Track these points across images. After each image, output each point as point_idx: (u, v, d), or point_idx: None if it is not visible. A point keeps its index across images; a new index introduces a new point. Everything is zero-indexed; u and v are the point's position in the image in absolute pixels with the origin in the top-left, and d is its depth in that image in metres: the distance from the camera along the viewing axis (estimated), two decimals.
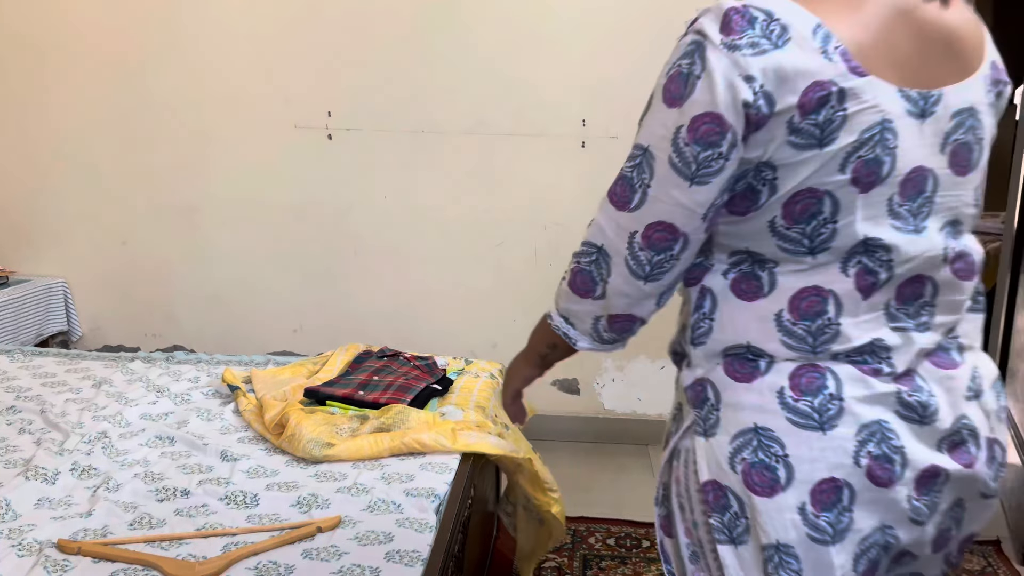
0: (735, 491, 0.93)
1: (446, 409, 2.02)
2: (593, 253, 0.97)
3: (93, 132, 3.19)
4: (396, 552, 1.42)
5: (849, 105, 0.86)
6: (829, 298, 0.92)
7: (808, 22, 0.86)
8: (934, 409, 0.93)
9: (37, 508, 1.55)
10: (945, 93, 0.92)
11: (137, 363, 2.39)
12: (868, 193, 0.89)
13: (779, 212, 0.90)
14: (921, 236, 0.92)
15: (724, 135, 0.86)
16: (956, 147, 0.93)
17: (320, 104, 3.09)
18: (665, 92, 0.91)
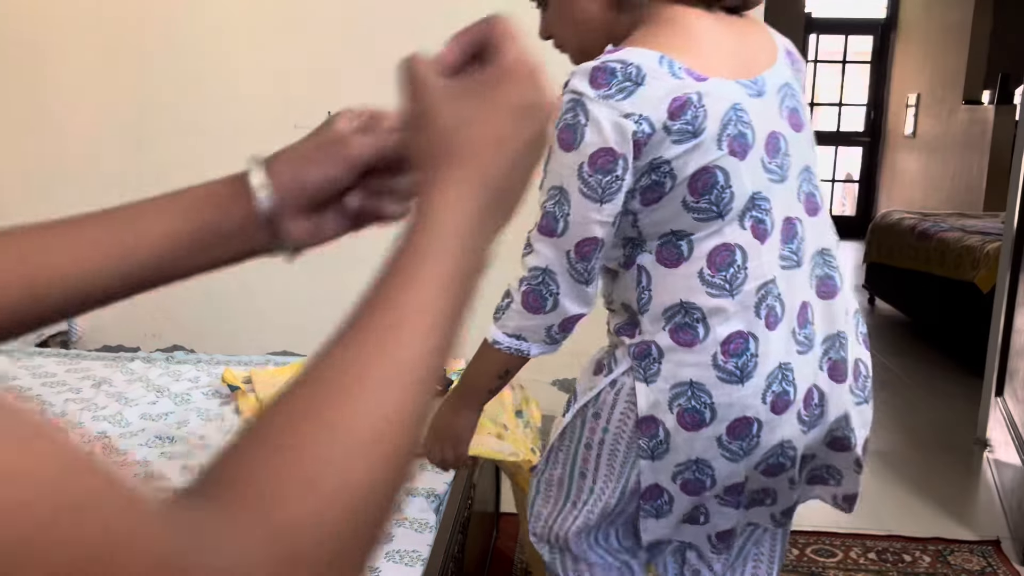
0: (667, 426, 1.20)
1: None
2: (539, 275, 1.19)
3: (92, 131, 3.19)
4: (396, 552, 1.42)
5: (705, 102, 1.12)
6: (736, 250, 1.17)
7: (652, 57, 1.12)
8: (816, 337, 1.23)
9: None
10: (766, 76, 1.21)
11: (137, 363, 2.39)
12: (745, 159, 1.16)
13: (686, 192, 1.15)
14: (786, 183, 1.22)
15: (617, 162, 1.11)
16: (789, 112, 1.23)
17: (320, 104, 3.09)
18: (560, 142, 1.14)
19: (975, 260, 4.25)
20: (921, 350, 4.72)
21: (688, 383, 1.19)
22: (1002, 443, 2.91)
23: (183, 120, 3.15)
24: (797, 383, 1.21)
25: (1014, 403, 2.85)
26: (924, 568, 2.40)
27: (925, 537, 2.57)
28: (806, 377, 1.22)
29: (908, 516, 2.71)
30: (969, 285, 4.23)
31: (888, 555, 2.46)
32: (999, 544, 2.54)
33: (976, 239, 4.41)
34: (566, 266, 1.17)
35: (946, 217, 5.38)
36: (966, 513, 2.76)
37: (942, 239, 4.64)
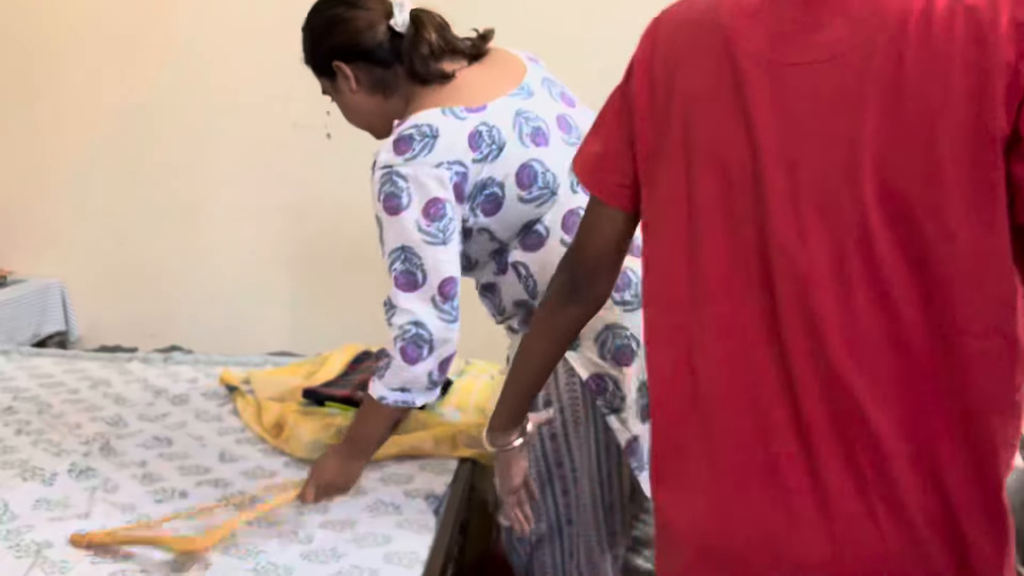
0: (610, 373, 1.36)
1: (445, 410, 2.01)
2: (410, 329, 1.32)
3: (91, 132, 3.19)
4: (395, 553, 1.41)
5: (493, 122, 1.34)
6: (579, 211, 1.32)
7: (435, 113, 1.33)
8: None
9: (35, 509, 1.54)
10: (526, 81, 1.44)
11: (135, 363, 2.39)
12: (549, 145, 1.38)
13: (517, 190, 1.35)
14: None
15: (445, 206, 1.31)
16: (560, 95, 1.48)
17: (320, 104, 3.07)
18: (388, 210, 1.34)
19: None
20: None
21: (604, 328, 1.36)
22: None
23: (183, 120, 3.14)
24: None
25: None
26: None
27: None
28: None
29: None
30: None
31: None
32: None
33: None
34: (434, 312, 1.32)
35: None
36: None
37: None
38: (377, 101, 1.45)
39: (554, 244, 1.38)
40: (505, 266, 1.41)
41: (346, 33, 1.40)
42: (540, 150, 1.36)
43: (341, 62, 1.41)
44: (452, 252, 1.32)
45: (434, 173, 1.30)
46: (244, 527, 1.42)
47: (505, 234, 1.39)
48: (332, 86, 1.48)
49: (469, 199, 1.34)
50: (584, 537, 1.50)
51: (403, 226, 1.31)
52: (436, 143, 1.31)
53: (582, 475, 1.45)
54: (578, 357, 1.38)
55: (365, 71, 1.42)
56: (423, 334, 1.32)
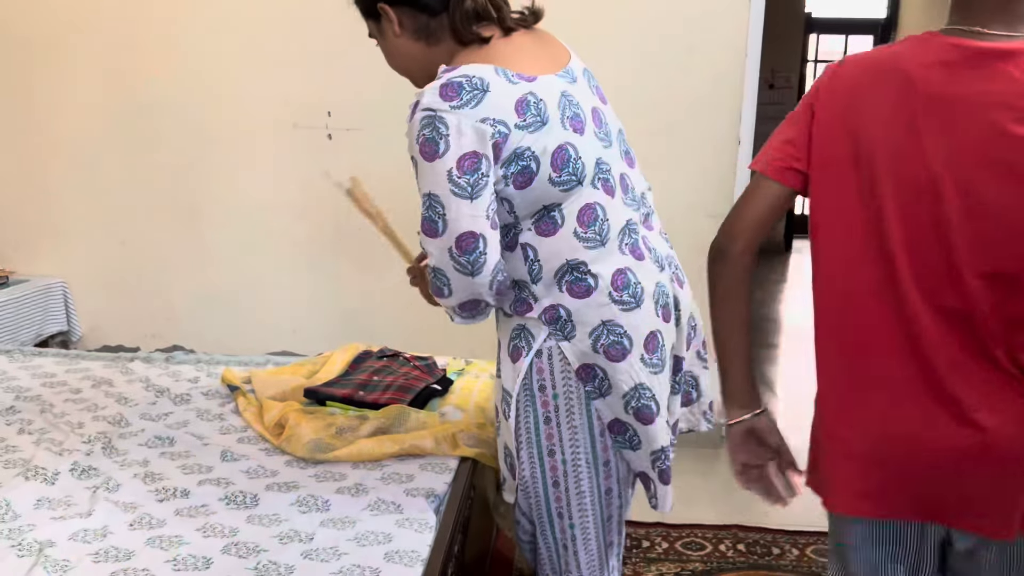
0: (600, 365, 1.42)
1: (446, 410, 2.01)
2: (433, 272, 1.39)
3: (93, 132, 3.19)
4: (396, 552, 1.42)
5: (541, 95, 1.35)
6: (596, 207, 1.40)
7: (489, 69, 1.33)
8: (663, 259, 1.52)
9: (37, 508, 1.55)
10: (571, 66, 1.46)
11: (137, 363, 2.39)
12: (584, 135, 1.40)
13: (550, 170, 1.35)
14: (612, 147, 1.47)
15: (480, 162, 1.30)
16: (595, 89, 1.51)
17: (320, 104, 3.09)
18: (424, 155, 1.31)
19: None
20: None
21: (601, 323, 1.41)
22: None
23: (185, 121, 3.15)
24: (669, 294, 1.49)
25: None
26: None
27: None
28: (669, 289, 1.50)
29: None
30: None
31: None
32: None
33: None
34: (450, 262, 1.35)
35: None
36: None
37: None
38: (420, 47, 1.44)
39: (567, 233, 1.39)
40: (515, 244, 1.41)
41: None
42: (576, 136, 1.38)
43: (386, 4, 1.43)
44: (478, 207, 1.31)
45: (478, 127, 1.29)
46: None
47: (523, 210, 1.38)
48: (377, 28, 1.50)
49: (504, 164, 1.32)
50: (580, 527, 1.52)
51: (436, 173, 1.31)
52: (485, 97, 1.30)
53: (576, 464, 1.48)
54: (571, 347, 1.42)
55: (410, 16, 1.42)
56: (442, 279, 1.38)
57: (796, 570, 2.37)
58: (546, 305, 1.42)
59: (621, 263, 1.42)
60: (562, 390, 1.44)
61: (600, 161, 1.42)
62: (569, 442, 1.47)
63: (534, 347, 1.43)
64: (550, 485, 1.50)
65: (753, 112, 3.01)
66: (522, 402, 1.46)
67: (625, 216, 1.45)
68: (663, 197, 3.02)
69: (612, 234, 1.41)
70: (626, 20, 2.96)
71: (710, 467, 3.10)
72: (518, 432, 1.48)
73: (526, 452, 1.49)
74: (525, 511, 1.58)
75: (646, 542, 2.49)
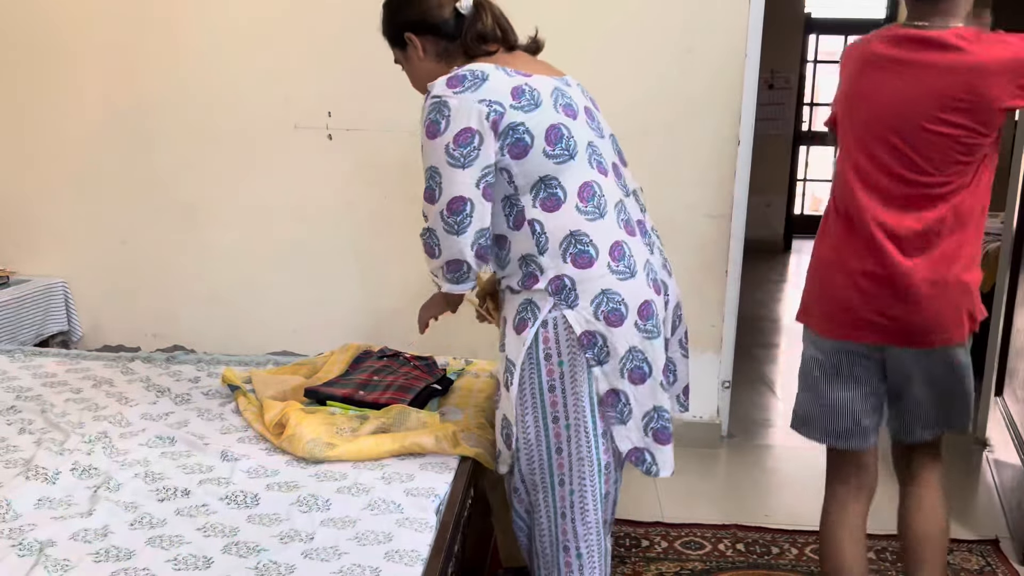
0: (600, 331, 1.56)
1: (446, 409, 2.02)
2: (426, 233, 1.63)
3: (93, 132, 3.19)
4: (396, 552, 1.42)
5: (535, 87, 1.58)
6: (593, 184, 1.60)
7: (490, 66, 1.58)
8: (654, 242, 1.71)
9: (38, 508, 1.55)
10: (567, 78, 1.70)
11: (137, 363, 2.40)
12: (576, 120, 1.61)
13: (544, 144, 1.56)
14: (604, 140, 1.70)
15: (474, 137, 1.53)
16: (590, 99, 1.74)
17: (320, 104, 3.10)
18: (428, 133, 1.57)
19: None
20: None
21: (601, 292, 1.56)
22: (1001, 443, 2.91)
23: (186, 121, 3.15)
24: (657, 273, 1.65)
25: (1014, 403, 2.85)
26: None
27: None
28: (658, 271, 1.67)
29: None
30: None
31: (887, 554, 2.46)
32: (998, 543, 2.54)
33: None
34: (441, 223, 1.58)
35: None
36: (965, 512, 2.77)
37: None
38: (439, 68, 1.66)
39: (569, 208, 1.57)
40: (522, 221, 1.59)
41: (419, 10, 1.67)
42: (569, 119, 1.60)
43: (412, 33, 1.68)
44: (469, 175, 1.54)
45: (476, 107, 1.53)
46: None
47: (521, 180, 1.57)
48: (403, 55, 1.74)
49: (502, 136, 1.54)
50: (579, 496, 1.61)
51: (436, 148, 1.56)
52: (484, 84, 1.54)
53: (578, 431, 1.59)
54: (574, 315, 1.56)
55: (432, 42, 1.67)
56: (432, 239, 1.62)
57: (795, 569, 2.38)
58: (552, 276, 1.57)
59: (617, 236, 1.59)
60: (567, 357, 1.57)
61: (592, 144, 1.63)
62: (573, 408, 1.58)
63: (539, 318, 1.57)
64: (553, 451, 1.61)
65: (753, 112, 3.01)
66: (527, 370, 1.58)
67: (618, 195, 1.64)
68: (663, 197, 3.03)
69: (609, 208, 1.60)
70: (626, 21, 2.96)
71: (710, 467, 3.11)
72: (523, 399, 1.60)
73: (531, 418, 1.61)
74: (526, 479, 1.66)
75: (645, 541, 2.49)
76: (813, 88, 8.82)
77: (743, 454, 3.23)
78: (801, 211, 8.73)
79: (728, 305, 3.16)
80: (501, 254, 1.66)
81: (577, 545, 1.64)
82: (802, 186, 8.87)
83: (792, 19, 7.80)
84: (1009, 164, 3.16)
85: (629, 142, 2.64)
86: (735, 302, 3.18)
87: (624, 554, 2.42)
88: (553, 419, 1.60)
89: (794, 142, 8.13)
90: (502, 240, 1.64)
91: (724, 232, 3.09)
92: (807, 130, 8.82)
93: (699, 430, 3.24)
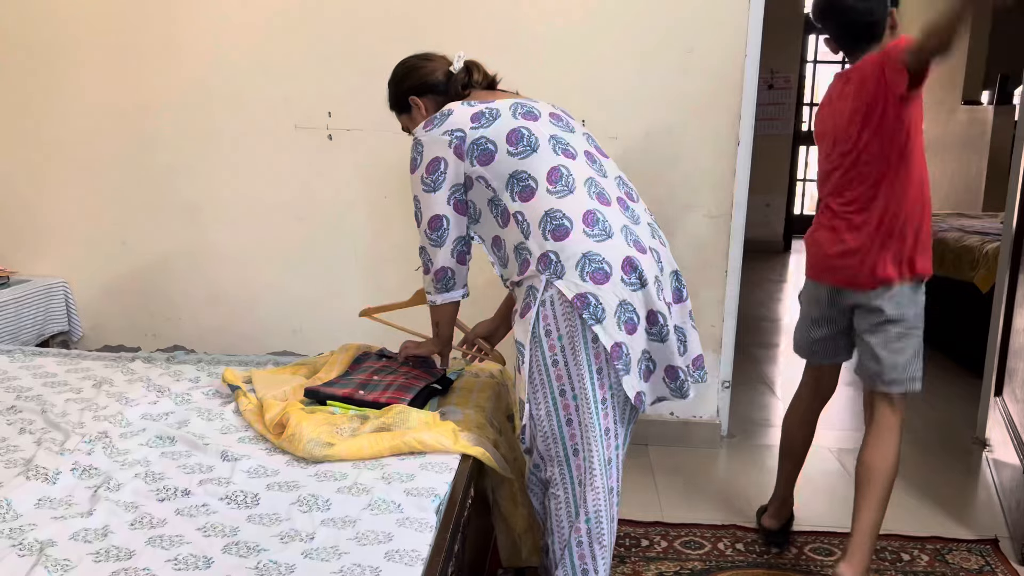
0: (590, 291, 1.69)
1: (446, 409, 2.02)
2: (421, 251, 1.93)
3: (93, 132, 3.20)
4: (396, 552, 1.42)
5: (495, 107, 1.82)
6: (560, 168, 1.78)
7: (455, 104, 1.86)
8: (640, 218, 1.84)
9: (38, 508, 1.55)
10: (536, 101, 1.91)
11: (137, 363, 2.40)
12: (537, 122, 1.83)
13: (507, 146, 1.78)
14: (575, 134, 1.88)
15: (440, 163, 1.81)
16: (564, 111, 1.95)
17: (320, 104, 3.10)
18: (410, 168, 1.86)
19: (974, 260, 4.25)
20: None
21: (582, 255, 1.70)
22: (1001, 443, 2.92)
23: (186, 121, 3.15)
24: (640, 238, 1.77)
25: (1013, 403, 2.85)
26: (922, 567, 2.40)
27: (923, 536, 2.58)
28: (642, 237, 1.78)
29: (907, 515, 2.72)
30: (968, 285, 4.23)
31: (887, 554, 2.47)
32: (997, 543, 2.54)
33: (975, 239, 4.41)
34: (427, 240, 1.88)
35: (945, 217, 5.38)
36: (965, 512, 2.77)
37: (941, 239, 4.64)
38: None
39: (542, 193, 1.75)
40: (507, 218, 1.79)
41: (419, 75, 1.96)
42: (529, 123, 1.81)
43: (416, 96, 1.96)
44: (439, 196, 1.83)
45: (440, 139, 1.79)
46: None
47: (496, 181, 1.79)
48: (408, 118, 2.00)
49: (468, 154, 1.79)
50: (588, 463, 1.75)
51: (415, 180, 1.85)
52: (448, 118, 1.81)
53: (584, 400, 1.72)
54: (564, 283, 1.70)
55: (431, 100, 1.95)
56: (425, 256, 1.91)
57: (795, 568, 2.38)
58: (538, 255, 1.72)
59: (589, 206, 1.74)
60: (565, 331, 1.71)
61: (556, 137, 1.82)
62: (576, 379, 1.72)
63: (538, 299, 1.71)
64: (564, 424, 1.76)
65: (753, 112, 3.02)
66: (532, 349, 1.73)
67: (588, 173, 1.80)
68: (663, 197, 3.04)
69: (578, 184, 1.77)
70: (626, 21, 2.97)
71: (710, 467, 3.11)
72: (531, 378, 1.75)
73: (541, 395, 1.75)
74: (543, 455, 1.81)
75: (645, 541, 2.49)
76: (813, 88, 8.81)
77: (743, 454, 3.23)
78: (801, 211, 8.74)
79: (728, 305, 3.16)
80: (500, 254, 1.84)
81: (587, 510, 1.77)
82: (802, 186, 8.87)
83: (792, 19, 7.81)
84: (1008, 164, 3.16)
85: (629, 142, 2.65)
86: (735, 302, 3.18)
87: (624, 554, 2.42)
88: (560, 392, 1.74)
89: (794, 142, 8.13)
90: (498, 241, 1.83)
91: (724, 232, 3.10)
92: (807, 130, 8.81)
93: (699, 430, 3.24)
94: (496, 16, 2.99)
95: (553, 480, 1.80)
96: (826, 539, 2.54)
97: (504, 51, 2.97)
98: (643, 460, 3.10)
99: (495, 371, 2.36)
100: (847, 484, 2.94)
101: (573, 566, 1.80)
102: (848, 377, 4.24)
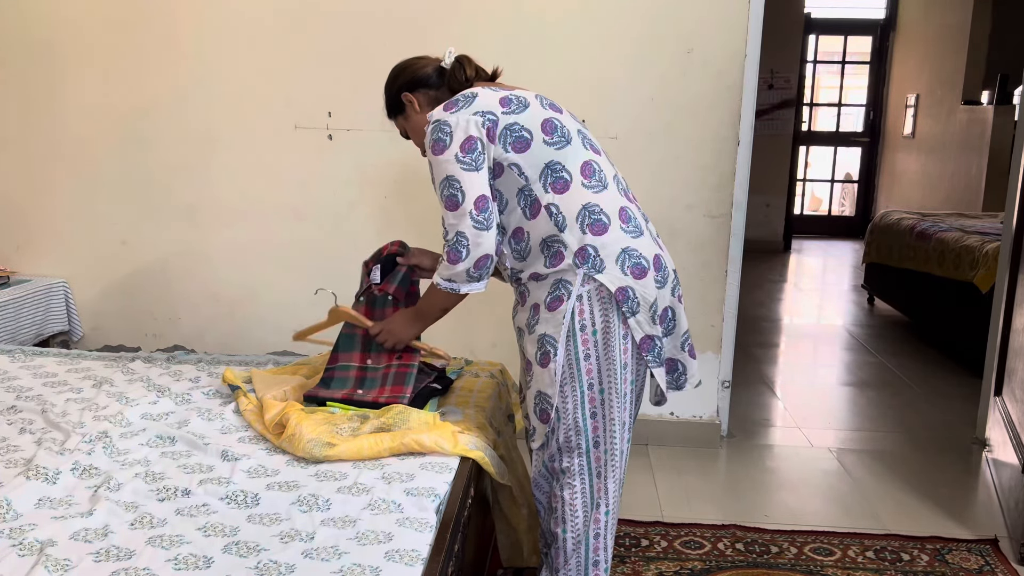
0: (631, 285, 1.74)
1: (446, 409, 2.02)
2: (454, 238, 1.74)
3: (93, 132, 3.20)
4: (396, 551, 1.42)
5: (520, 95, 1.80)
6: (592, 163, 1.81)
7: (477, 88, 1.81)
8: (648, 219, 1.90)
9: (38, 508, 1.55)
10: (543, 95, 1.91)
11: (138, 363, 2.40)
12: (563, 115, 1.83)
13: (543, 135, 1.76)
14: (588, 133, 1.88)
15: (476, 143, 1.73)
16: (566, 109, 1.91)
17: (320, 104, 3.10)
18: (435, 151, 1.75)
19: (974, 260, 4.25)
20: (920, 350, 4.72)
21: (622, 251, 1.75)
22: (1000, 443, 2.92)
23: (186, 121, 3.15)
24: (654, 234, 1.86)
25: (1012, 403, 2.85)
26: (922, 567, 2.40)
27: (923, 536, 2.58)
28: (654, 234, 1.87)
29: (906, 515, 2.72)
30: (968, 285, 4.23)
31: (886, 554, 2.47)
32: (997, 543, 2.54)
33: (975, 239, 4.41)
34: (470, 222, 1.73)
35: (945, 217, 5.38)
36: (964, 512, 2.77)
37: (941, 239, 4.65)
38: None
39: (577, 186, 1.77)
40: (537, 209, 1.76)
41: (409, 72, 1.93)
42: (556, 114, 1.82)
43: (407, 92, 1.91)
44: (483, 176, 1.74)
45: (472, 119, 1.73)
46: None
47: (530, 171, 1.76)
48: (404, 118, 1.95)
49: (500, 139, 1.74)
50: (609, 455, 1.80)
51: (446, 161, 1.73)
52: (475, 100, 1.76)
53: (611, 395, 1.76)
54: (606, 277, 1.73)
55: (423, 94, 1.91)
56: (463, 241, 1.74)
57: (794, 568, 2.38)
58: (576, 248, 1.73)
59: (622, 203, 1.80)
60: (601, 325, 1.74)
61: (582, 131, 1.84)
62: (607, 374, 1.76)
63: (574, 293, 1.73)
64: (588, 417, 1.78)
65: (753, 112, 3.02)
66: (567, 344, 1.74)
67: (612, 171, 1.86)
68: (663, 197, 3.04)
69: (609, 180, 1.81)
70: (626, 21, 2.97)
71: (710, 467, 3.11)
72: (562, 372, 1.75)
73: (569, 388, 1.76)
74: (562, 447, 1.80)
75: (645, 541, 2.49)
76: (813, 88, 8.82)
77: (743, 454, 3.23)
78: (801, 211, 8.74)
79: (728, 305, 3.16)
80: (520, 247, 1.80)
81: (607, 502, 1.82)
82: (802, 186, 8.87)
83: (792, 19, 7.80)
84: (1008, 164, 3.16)
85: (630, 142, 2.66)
86: (735, 302, 3.18)
87: (624, 554, 2.42)
88: (588, 386, 1.76)
89: (794, 142, 8.13)
90: (520, 233, 1.79)
91: (724, 232, 3.10)
92: (807, 130, 8.81)
93: (699, 430, 3.25)
94: (496, 16, 2.99)
95: (570, 471, 1.81)
96: (826, 539, 2.54)
97: (504, 51, 2.96)
98: (643, 460, 3.10)
99: (495, 371, 2.36)
100: (847, 484, 2.95)
101: (587, 558, 1.82)
102: (848, 377, 4.25)
